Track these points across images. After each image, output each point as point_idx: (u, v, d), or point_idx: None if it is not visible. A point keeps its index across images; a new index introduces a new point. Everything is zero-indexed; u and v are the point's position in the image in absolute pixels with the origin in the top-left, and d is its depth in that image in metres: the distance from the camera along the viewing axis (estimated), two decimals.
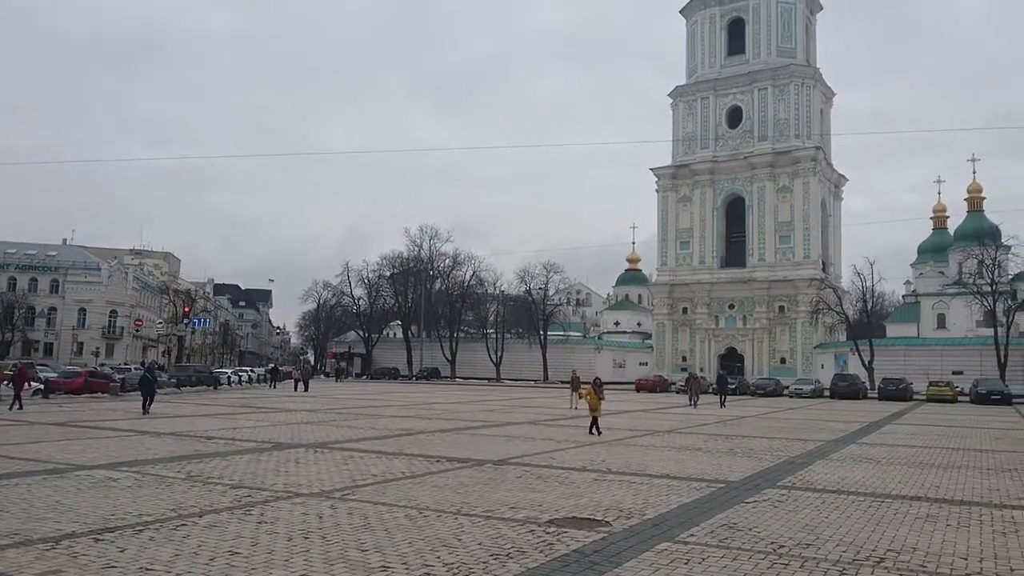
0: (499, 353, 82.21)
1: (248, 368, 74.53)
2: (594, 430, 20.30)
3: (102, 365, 60.00)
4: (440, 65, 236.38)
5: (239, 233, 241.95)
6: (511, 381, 76.90)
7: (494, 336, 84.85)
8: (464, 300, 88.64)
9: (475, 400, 40.90)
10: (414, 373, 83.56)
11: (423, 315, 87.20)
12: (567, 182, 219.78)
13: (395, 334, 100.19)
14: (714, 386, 46.58)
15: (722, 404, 36.92)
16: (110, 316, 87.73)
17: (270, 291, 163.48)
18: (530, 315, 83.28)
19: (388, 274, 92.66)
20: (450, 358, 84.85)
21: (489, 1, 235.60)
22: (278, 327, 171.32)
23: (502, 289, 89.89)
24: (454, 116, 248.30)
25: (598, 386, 21.45)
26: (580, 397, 38.15)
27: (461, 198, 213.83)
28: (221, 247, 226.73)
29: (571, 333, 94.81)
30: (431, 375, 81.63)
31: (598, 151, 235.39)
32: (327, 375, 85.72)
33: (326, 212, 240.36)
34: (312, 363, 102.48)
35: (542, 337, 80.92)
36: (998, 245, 66.69)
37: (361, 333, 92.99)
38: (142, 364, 48.38)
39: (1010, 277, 69.59)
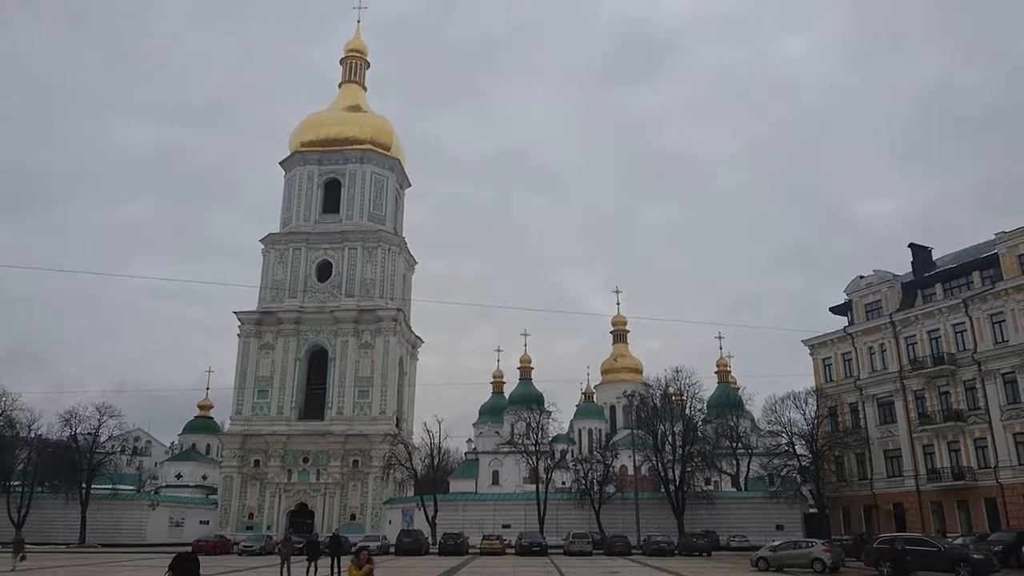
0: (22, 510, 67.97)
1: None
2: None
3: None
4: None
5: None
6: (33, 545, 63.47)
7: (20, 490, 70.25)
8: None
9: None
10: None
11: None
12: (140, 317, 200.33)
13: None
14: (327, 547, 39.98)
15: (315, 569, 31.07)
16: None
17: None
18: (73, 465, 71.07)
19: None
20: None
21: (74, 111, 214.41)
22: None
23: (39, 433, 75.85)
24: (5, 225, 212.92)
25: (364, 560, 15.30)
26: (22, 559, 33.38)
27: (9, 323, 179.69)
28: None
29: (122, 487, 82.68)
30: None
31: (178, 288, 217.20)
32: None
33: None
34: None
35: (83, 492, 69.18)
36: (542, 410, 77.22)
37: None
38: None
39: (550, 439, 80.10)
